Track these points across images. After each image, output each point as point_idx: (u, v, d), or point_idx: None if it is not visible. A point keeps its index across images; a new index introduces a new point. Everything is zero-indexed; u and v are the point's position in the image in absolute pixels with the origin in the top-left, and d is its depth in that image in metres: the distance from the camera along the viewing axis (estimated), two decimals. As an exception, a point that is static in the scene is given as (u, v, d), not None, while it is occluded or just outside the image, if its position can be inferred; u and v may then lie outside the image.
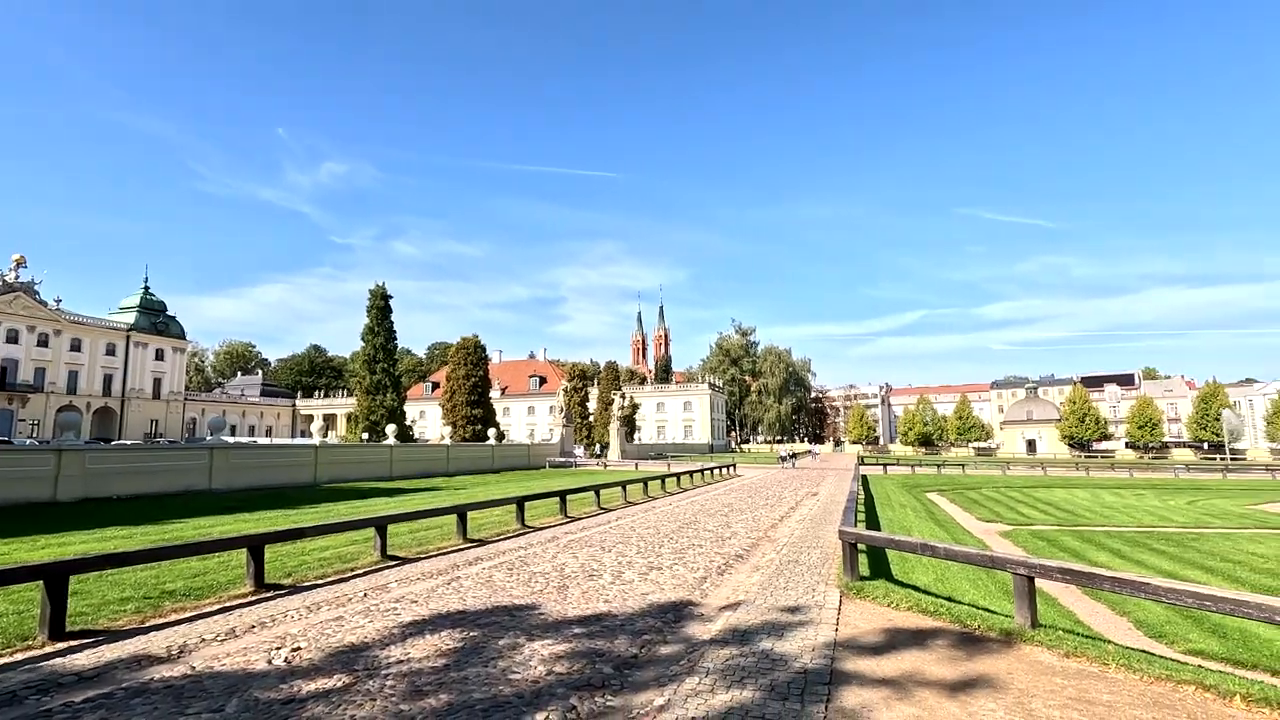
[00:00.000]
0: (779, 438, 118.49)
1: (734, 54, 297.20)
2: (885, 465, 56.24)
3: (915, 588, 10.33)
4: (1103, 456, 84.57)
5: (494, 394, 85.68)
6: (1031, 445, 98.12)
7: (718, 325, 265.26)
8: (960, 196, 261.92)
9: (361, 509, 19.55)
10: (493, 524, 16.31)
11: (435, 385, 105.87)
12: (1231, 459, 69.62)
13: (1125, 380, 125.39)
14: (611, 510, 20.13)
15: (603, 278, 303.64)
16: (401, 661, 6.24)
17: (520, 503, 16.78)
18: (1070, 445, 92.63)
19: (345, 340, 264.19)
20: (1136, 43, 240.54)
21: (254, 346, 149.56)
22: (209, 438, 28.43)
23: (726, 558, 12.00)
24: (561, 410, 64.26)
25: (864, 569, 10.59)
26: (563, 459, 55.42)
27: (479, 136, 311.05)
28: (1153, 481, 44.05)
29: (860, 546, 11.10)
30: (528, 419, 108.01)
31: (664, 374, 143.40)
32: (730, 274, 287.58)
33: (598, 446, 72.53)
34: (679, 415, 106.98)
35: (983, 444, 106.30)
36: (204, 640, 6.95)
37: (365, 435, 52.83)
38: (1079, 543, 19.00)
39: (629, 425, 74.69)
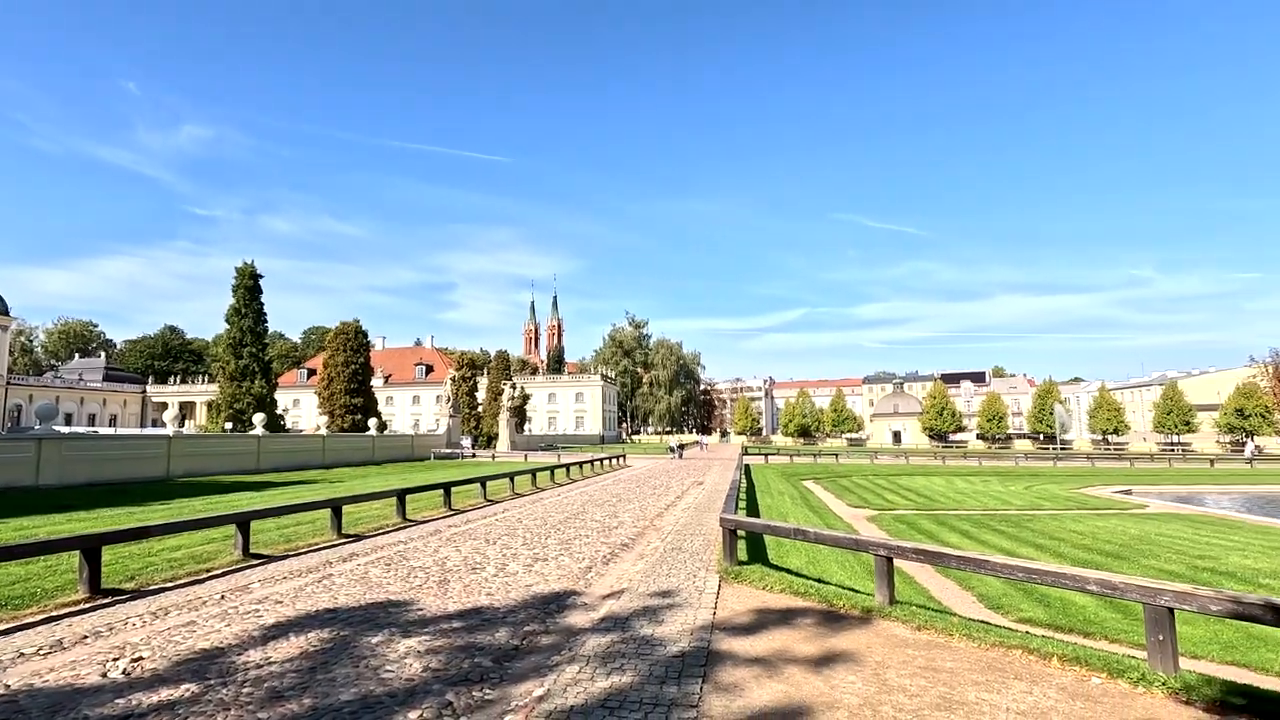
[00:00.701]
0: (668, 429, 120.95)
1: (626, 47, 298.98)
2: (767, 455, 58.82)
3: (789, 570, 10.89)
4: (957, 446, 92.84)
5: (376, 382, 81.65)
6: (897, 436, 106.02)
7: (612, 317, 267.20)
8: (839, 202, 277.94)
9: (221, 504, 18.06)
10: (371, 518, 15.57)
11: (311, 372, 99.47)
12: (1061, 449, 78.55)
13: (978, 377, 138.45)
14: (498, 502, 19.78)
15: (495, 264, 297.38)
16: (260, 666, 5.83)
17: (401, 495, 16.12)
18: (930, 436, 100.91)
19: (207, 322, 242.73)
20: (989, 71, 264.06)
21: (95, 326, 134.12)
22: (37, 427, 25.15)
23: (612, 547, 12.13)
24: (449, 400, 62.24)
25: (743, 554, 11.05)
26: (449, 450, 53.78)
27: (362, 110, 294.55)
28: (998, 469, 48.85)
29: (740, 533, 11.55)
30: (413, 409, 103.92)
31: (556, 364, 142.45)
32: (625, 266, 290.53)
33: (486, 438, 71.00)
34: (571, 406, 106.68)
35: (855, 435, 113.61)
36: (23, 655, 6.16)
37: (229, 425, 48.76)
38: (934, 525, 20.76)
39: (519, 416, 73.59)
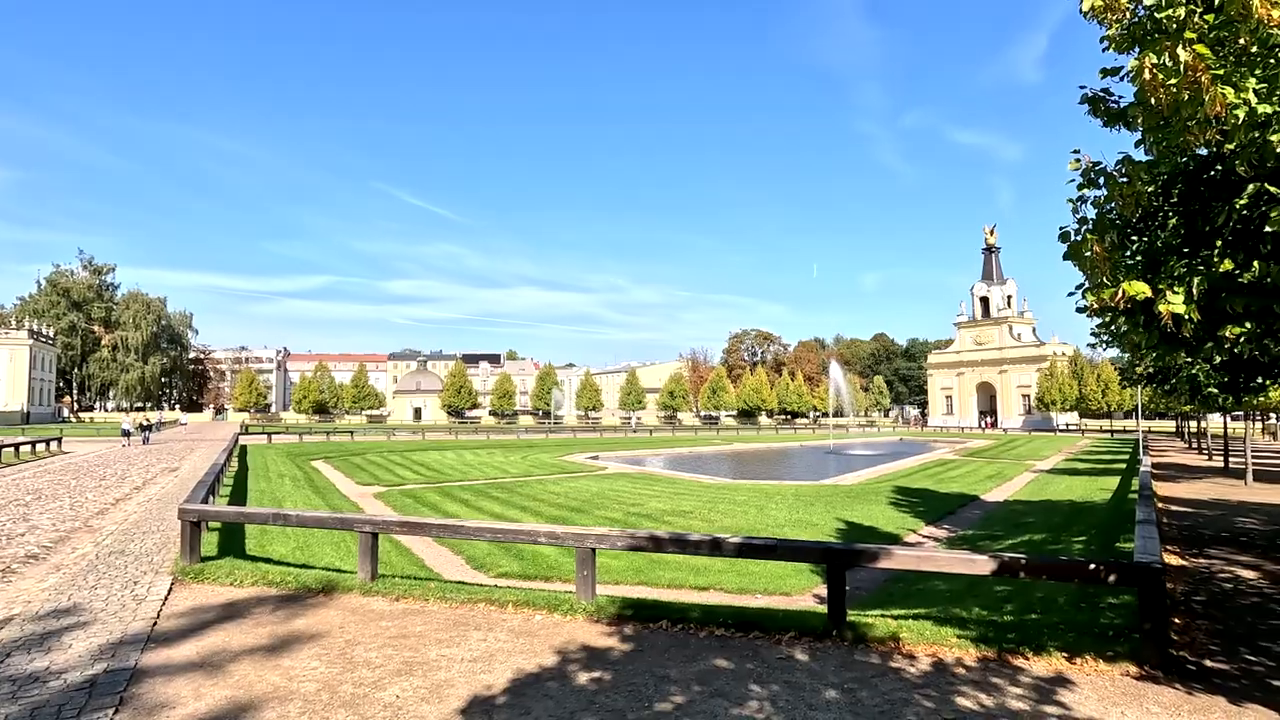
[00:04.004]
0: (142, 404, 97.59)
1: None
2: (271, 434, 52.90)
3: (271, 560, 9.89)
4: (472, 422, 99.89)
5: None
6: (418, 413, 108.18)
7: (57, 255, 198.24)
8: (378, 171, 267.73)
9: None
10: None
11: None
12: (554, 423, 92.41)
13: (494, 359, 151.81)
14: None
15: None
16: None
17: None
18: (449, 413, 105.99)
19: None
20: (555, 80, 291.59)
21: None
22: None
23: (8, 562, 9.05)
24: None
25: (211, 549, 9.59)
26: None
27: None
28: (503, 442, 54.29)
29: (211, 525, 10.01)
30: None
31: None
32: (86, 191, 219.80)
33: None
34: (-29, 372, 76.39)
35: (376, 411, 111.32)
36: None
37: None
38: (439, 496, 21.77)
39: None
